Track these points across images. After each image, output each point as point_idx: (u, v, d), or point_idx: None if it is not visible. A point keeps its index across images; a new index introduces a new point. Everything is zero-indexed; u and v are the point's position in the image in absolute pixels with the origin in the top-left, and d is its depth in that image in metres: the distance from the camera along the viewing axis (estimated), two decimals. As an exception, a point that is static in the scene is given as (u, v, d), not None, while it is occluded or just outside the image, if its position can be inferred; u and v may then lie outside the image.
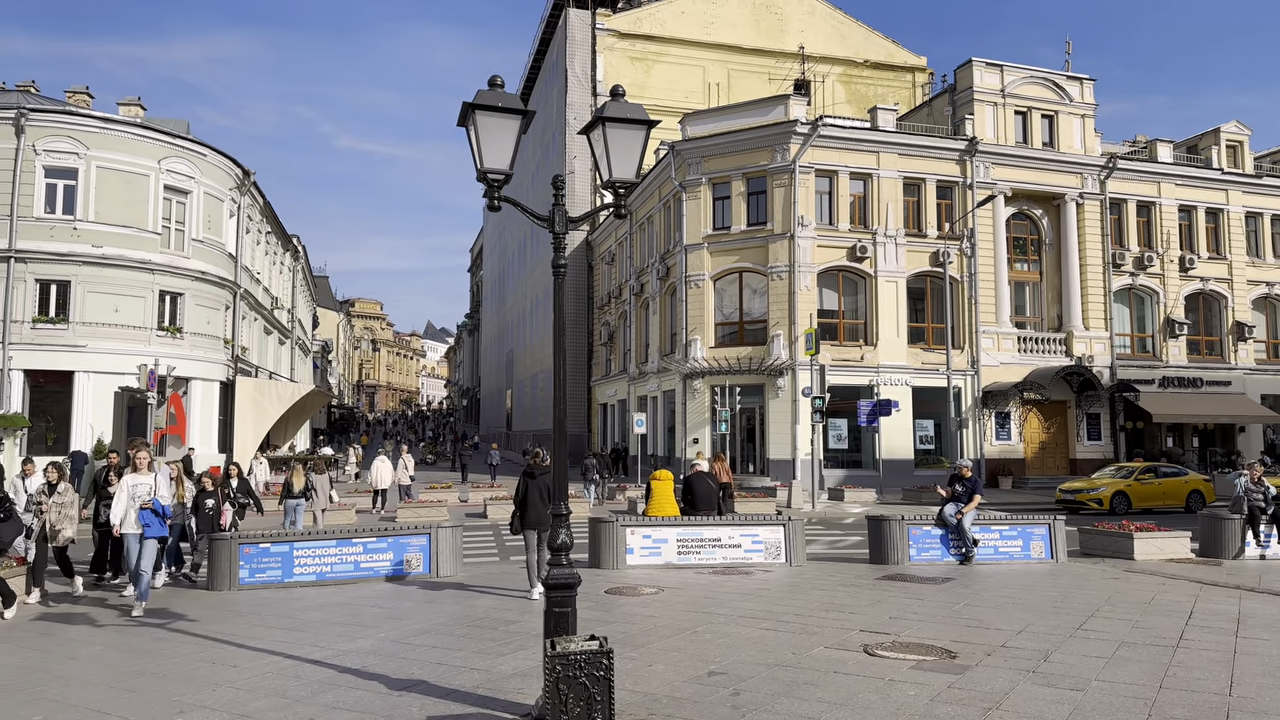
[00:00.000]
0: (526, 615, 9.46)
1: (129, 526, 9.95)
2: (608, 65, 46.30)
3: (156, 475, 10.28)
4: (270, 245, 42.46)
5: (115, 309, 28.40)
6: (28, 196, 27.75)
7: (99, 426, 26.44)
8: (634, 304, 38.09)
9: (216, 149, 32.71)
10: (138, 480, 10.11)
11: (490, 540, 18.04)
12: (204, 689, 6.74)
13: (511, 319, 66.06)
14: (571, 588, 5.93)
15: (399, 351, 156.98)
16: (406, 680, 6.87)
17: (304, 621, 9.33)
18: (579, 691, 5.03)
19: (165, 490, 10.26)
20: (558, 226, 6.11)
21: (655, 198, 35.04)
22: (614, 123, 6.13)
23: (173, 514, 10.54)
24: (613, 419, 42.53)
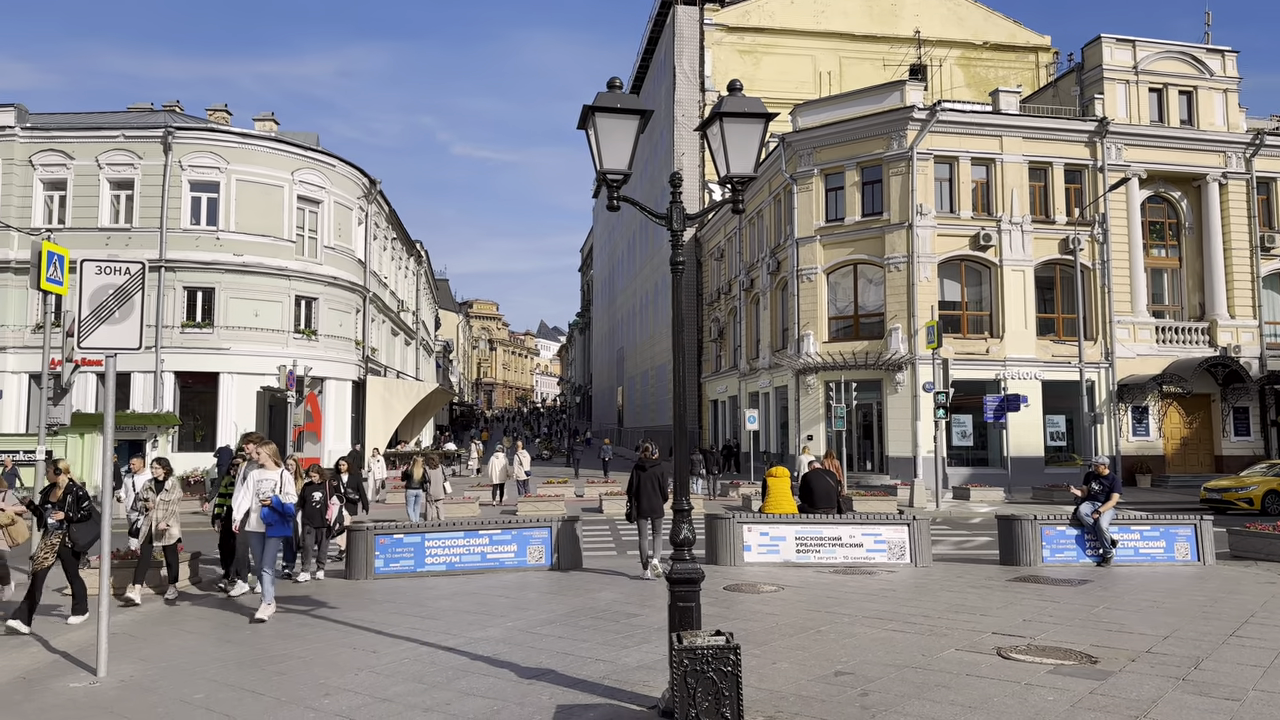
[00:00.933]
0: (647, 609, 9.55)
1: (252, 523, 9.50)
2: (716, 60, 46.13)
3: (283, 471, 9.75)
4: (395, 250, 44.24)
5: (255, 313, 30.19)
6: (175, 209, 29.81)
7: (243, 424, 28.14)
8: (744, 299, 37.85)
9: (345, 160, 34.32)
10: (263, 475, 9.58)
11: (607, 534, 18.29)
12: (347, 673, 7.10)
13: (621, 317, 66.72)
14: (695, 582, 5.96)
15: (514, 350, 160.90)
16: (535, 669, 7.05)
17: (436, 610, 9.70)
18: (707, 686, 5.06)
19: (290, 487, 9.75)
20: (675, 224, 6.14)
21: (765, 191, 34.71)
22: (732, 117, 6.12)
23: (293, 511, 9.88)
24: (723, 415, 42.41)
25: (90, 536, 9.49)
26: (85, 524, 9.40)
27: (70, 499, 9.33)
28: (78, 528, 9.32)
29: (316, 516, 12.32)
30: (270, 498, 9.39)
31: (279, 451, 10.10)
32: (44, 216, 29.93)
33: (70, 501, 9.32)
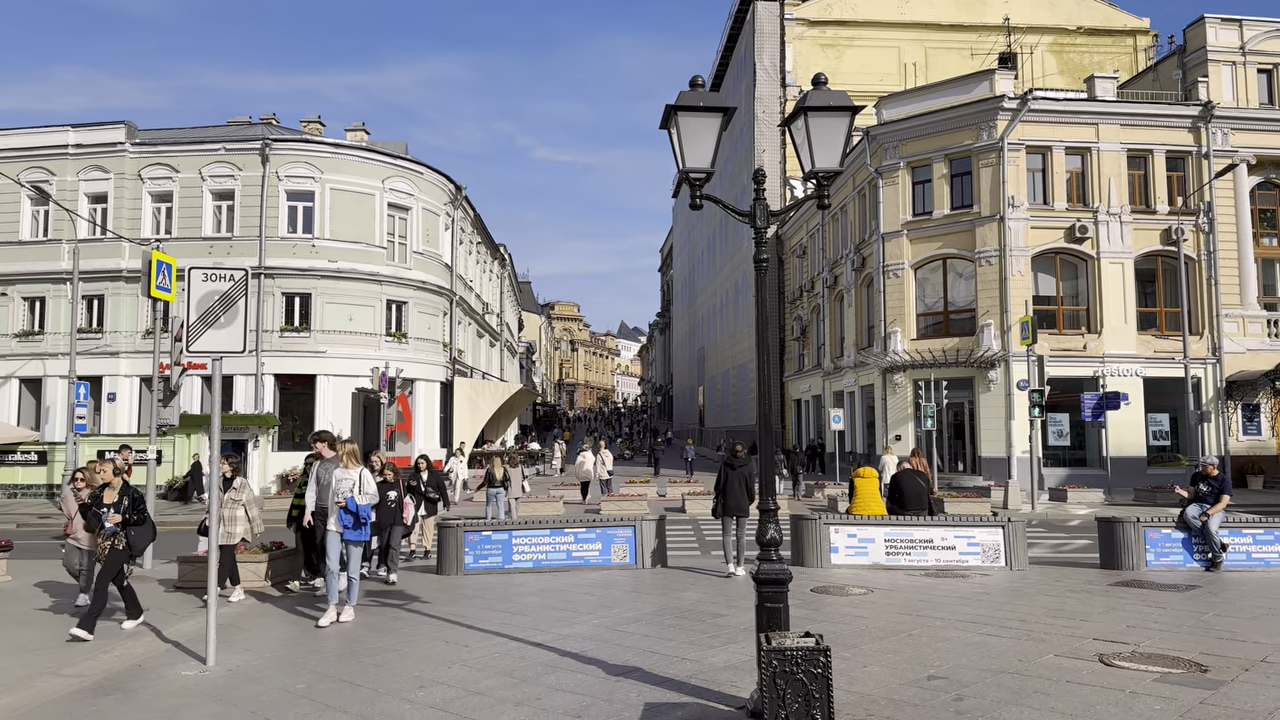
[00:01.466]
0: (733, 609, 9.51)
1: (330, 525, 9.23)
2: (797, 55, 45.61)
3: (361, 472, 9.29)
4: (480, 254, 45.14)
5: (349, 318, 31.22)
6: (273, 218, 31.05)
7: (339, 425, 29.10)
8: (827, 297, 37.31)
9: (432, 167, 35.18)
10: (342, 476, 9.19)
11: (690, 534, 18.28)
12: (440, 666, 7.28)
13: (701, 316, 66.57)
14: (783, 583, 5.91)
15: (595, 351, 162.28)
16: (622, 666, 7.10)
17: (524, 606, 9.85)
18: (796, 688, 5.01)
19: (370, 488, 9.30)
20: (759, 221, 6.10)
21: (849, 186, 34.15)
22: (817, 111, 6.04)
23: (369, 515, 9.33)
24: (806, 415, 41.88)
25: (146, 541, 9.29)
26: (141, 528, 9.14)
27: (127, 501, 8.98)
28: (135, 531, 9.02)
29: (391, 516, 11.76)
30: (346, 499, 9.01)
31: (359, 451, 9.68)
32: (152, 227, 31.55)
33: (127, 505, 8.97)
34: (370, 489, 9.25)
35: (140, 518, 9.05)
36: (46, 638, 8.70)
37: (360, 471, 9.25)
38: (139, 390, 30.86)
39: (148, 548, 9.34)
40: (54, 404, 30.43)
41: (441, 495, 14.71)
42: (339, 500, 9.02)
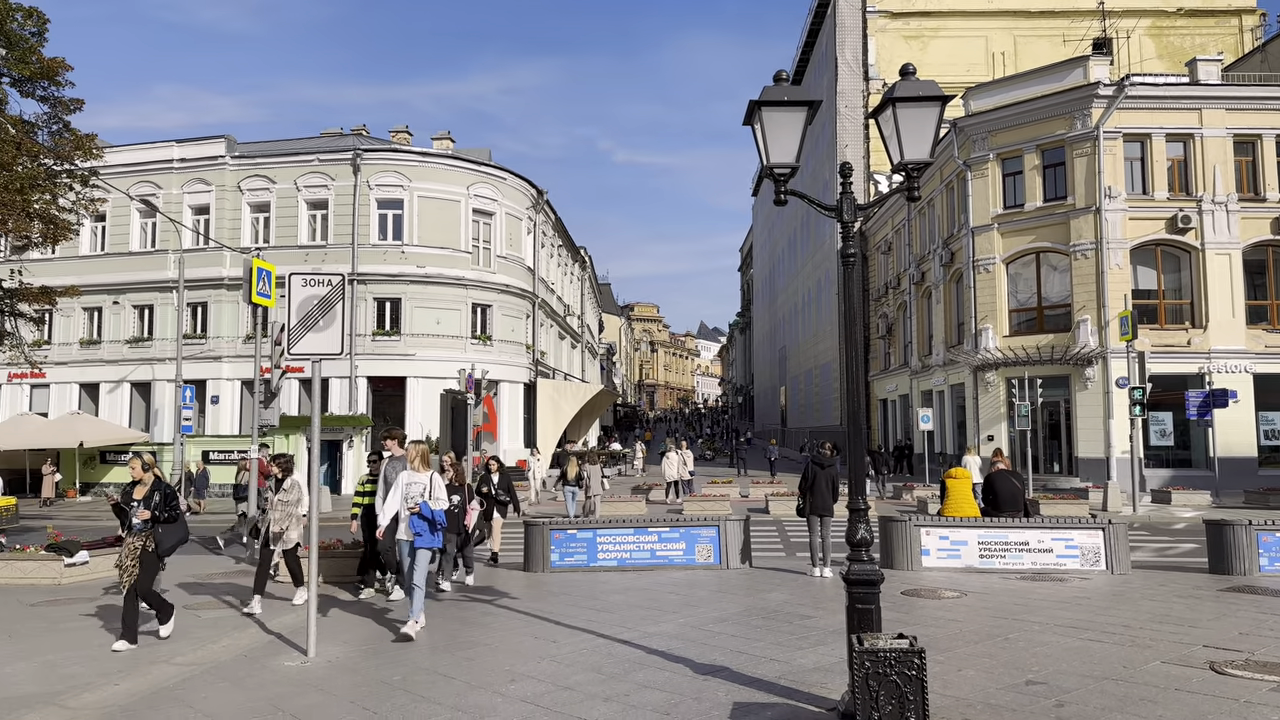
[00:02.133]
0: (820, 611, 9.40)
1: (401, 532, 8.77)
2: (880, 48, 44.77)
3: (433, 475, 8.82)
4: (561, 257, 45.70)
5: (437, 321, 32.01)
6: (364, 226, 32.05)
7: (428, 425, 29.85)
8: (914, 293, 36.48)
9: (514, 172, 35.80)
10: (413, 479, 8.72)
11: (775, 535, 18.12)
12: (529, 660, 7.40)
13: (783, 315, 65.92)
14: (874, 584, 5.81)
15: (675, 352, 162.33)
16: (709, 665, 7.09)
17: (609, 604, 9.93)
18: (890, 689, 4.92)
19: (441, 493, 8.80)
20: (845, 215, 6.01)
21: (936, 179, 33.32)
22: (905, 102, 5.92)
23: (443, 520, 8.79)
24: (893, 415, 41.04)
25: (175, 540, 8.59)
26: (172, 526, 8.53)
27: (158, 497, 8.44)
28: (164, 529, 8.44)
29: (454, 522, 10.98)
30: (419, 504, 8.52)
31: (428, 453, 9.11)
32: (251, 237, 32.95)
33: (158, 501, 8.43)
34: (441, 494, 8.78)
35: (172, 515, 8.50)
36: (161, 627, 9.17)
37: (431, 476, 8.83)
38: (240, 393, 32.24)
39: (177, 548, 8.68)
40: (162, 406, 32.05)
41: (511, 498, 14.01)
42: (411, 506, 8.53)
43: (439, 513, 8.65)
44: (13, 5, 16.43)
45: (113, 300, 33.34)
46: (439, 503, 8.70)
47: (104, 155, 20.20)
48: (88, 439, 28.40)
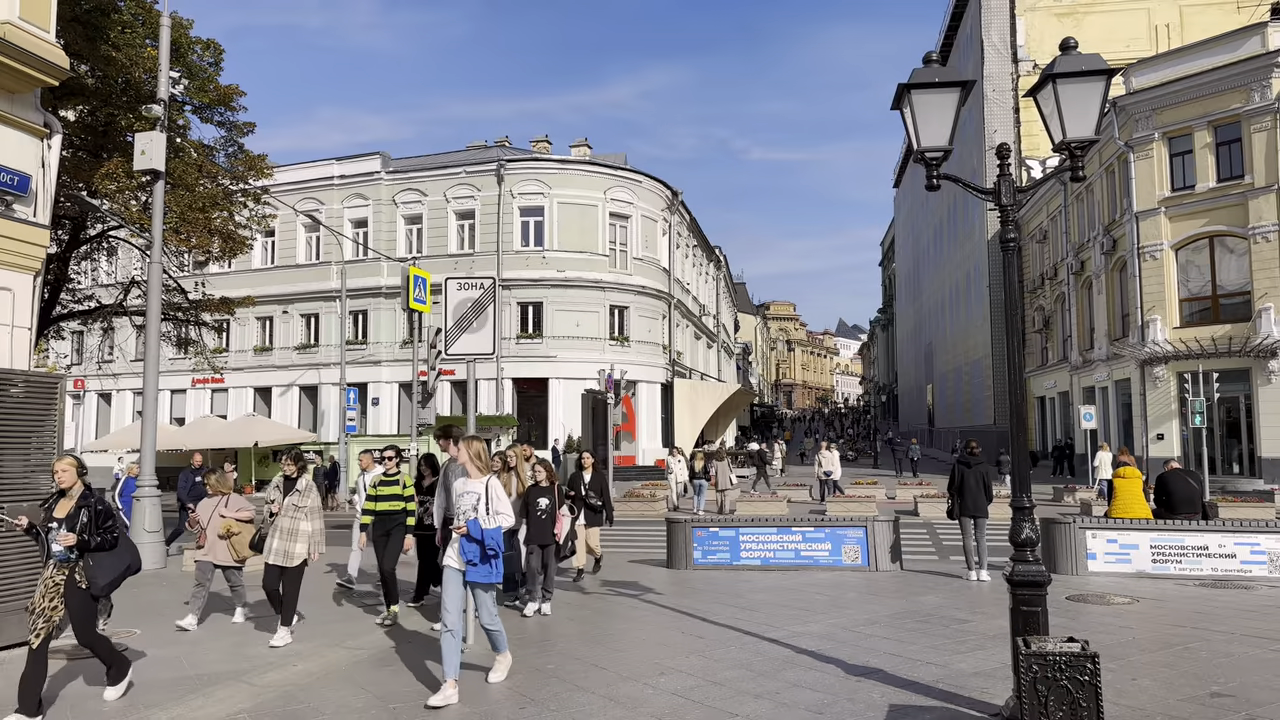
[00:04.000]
0: (978, 615, 9.02)
1: (450, 560, 6.46)
2: (1029, 28, 42.51)
3: (489, 481, 6.49)
4: (696, 258, 45.81)
5: (576, 324, 32.76)
6: (508, 234, 33.20)
7: (569, 425, 30.59)
8: (1073, 284, 34.43)
9: (649, 175, 36.22)
10: (465, 489, 6.50)
11: (925, 536, 17.52)
12: (678, 655, 7.46)
13: (928, 311, 63.61)
14: (1040, 585, 5.52)
15: (812, 350, 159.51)
16: (862, 667, 6.94)
17: (754, 602, 9.87)
18: (1060, 695, 4.67)
19: (503, 505, 6.45)
20: (1004, 198, 5.75)
21: (1095, 162, 31.33)
22: (1067, 78, 5.61)
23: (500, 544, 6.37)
24: (1051, 413, 38.87)
25: (113, 574, 6.16)
26: (108, 555, 6.11)
27: (86, 515, 6.01)
28: (96, 560, 6.05)
29: (541, 531, 9.35)
30: (467, 522, 6.25)
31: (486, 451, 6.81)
32: (405, 247, 34.72)
33: (85, 521, 5.99)
34: (503, 506, 6.44)
35: (106, 539, 6.06)
36: (328, 614, 9.78)
37: (488, 481, 6.46)
38: (398, 395, 34.02)
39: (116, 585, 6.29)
40: (328, 408, 34.23)
41: (605, 503, 11.86)
42: (459, 527, 6.30)
43: (494, 533, 6.27)
44: (192, 39, 17.94)
45: (282, 310, 35.87)
46: (499, 518, 6.36)
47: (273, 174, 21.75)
48: (262, 439, 30.65)
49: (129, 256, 27.14)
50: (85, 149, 17.01)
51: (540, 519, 9.40)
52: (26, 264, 9.51)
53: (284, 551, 8.11)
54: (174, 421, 34.70)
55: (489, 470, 6.67)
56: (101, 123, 17.06)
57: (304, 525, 8.16)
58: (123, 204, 16.59)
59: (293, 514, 8.21)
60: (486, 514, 6.33)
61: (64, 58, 9.72)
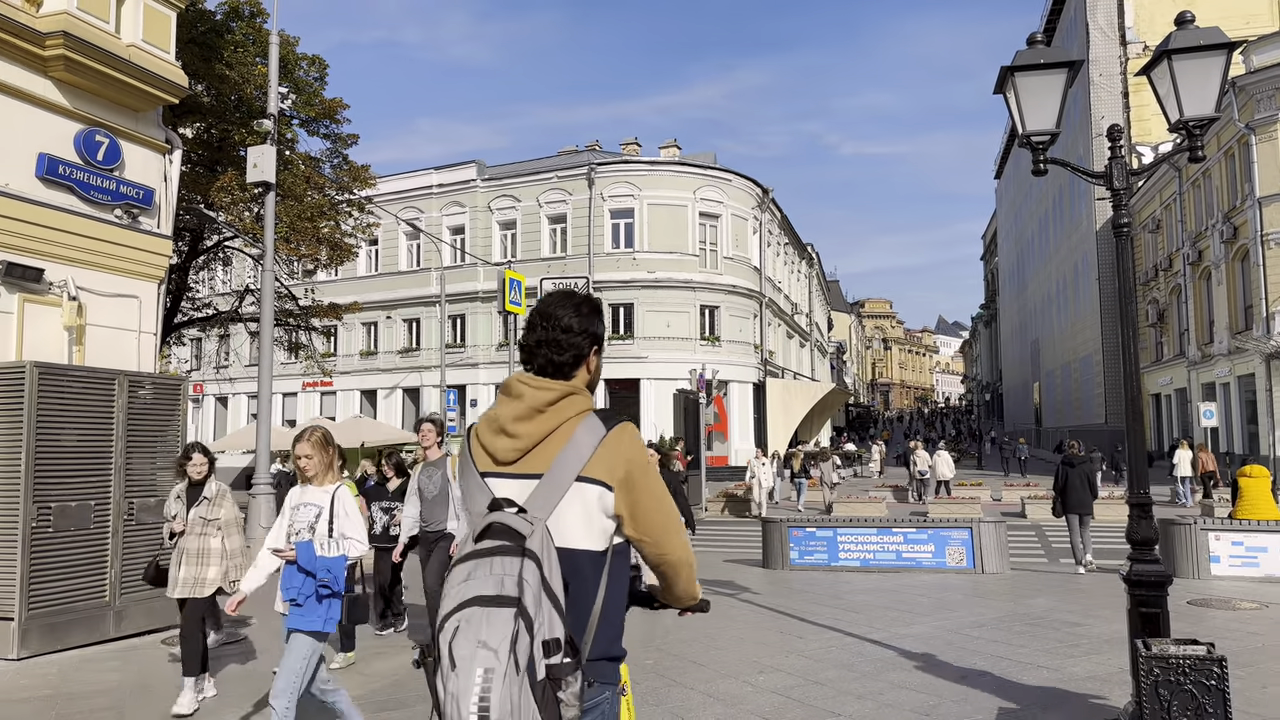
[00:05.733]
0: (1091, 618, 8.65)
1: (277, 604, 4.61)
2: (1138, 8, 40.50)
3: (337, 491, 4.70)
4: (788, 255, 45.30)
5: (667, 324, 32.83)
6: (599, 236, 33.51)
7: (662, 425, 30.67)
8: (1190, 275, 32.62)
9: (739, 173, 35.99)
10: (301, 499, 4.75)
11: (1033, 539, 16.88)
12: (777, 654, 7.39)
13: (1034, 306, 61.24)
14: (1161, 585, 5.25)
15: (910, 349, 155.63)
16: (969, 670, 6.74)
17: (854, 604, 9.70)
18: (1184, 700, 4.43)
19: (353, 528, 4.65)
20: (1116, 181, 5.50)
21: (1213, 146, 29.62)
22: (1183, 53, 5.33)
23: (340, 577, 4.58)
24: (1167, 410, 36.91)
25: None
26: None
27: None
28: None
29: None
30: (296, 547, 4.54)
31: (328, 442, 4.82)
32: (500, 252, 35.45)
33: None
34: (354, 527, 4.66)
35: None
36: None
37: (336, 491, 4.69)
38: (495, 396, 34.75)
39: None
40: (429, 410, 35.23)
41: (682, 508, 9.62)
42: (285, 551, 4.58)
43: (333, 564, 4.51)
44: (299, 55, 18.76)
45: (386, 315, 37.11)
46: (347, 544, 4.61)
47: (376, 184, 22.52)
48: (368, 440, 31.71)
49: (243, 265, 28.56)
50: (202, 164, 17.99)
51: None
52: (152, 273, 10.11)
53: (193, 580, 6.05)
54: (285, 423, 36.29)
55: (337, 474, 4.83)
56: (216, 138, 18.03)
57: (215, 543, 6.18)
58: (237, 215, 17.48)
59: (201, 530, 6.14)
60: (329, 536, 4.56)
61: (183, 77, 10.31)
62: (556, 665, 1.83)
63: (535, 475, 2.09)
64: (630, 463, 2.10)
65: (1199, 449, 22.70)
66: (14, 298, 8.59)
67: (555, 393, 2.15)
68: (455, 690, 1.78)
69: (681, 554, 2.26)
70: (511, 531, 1.91)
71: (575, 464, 2.07)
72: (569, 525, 2.05)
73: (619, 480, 2.08)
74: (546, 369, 2.24)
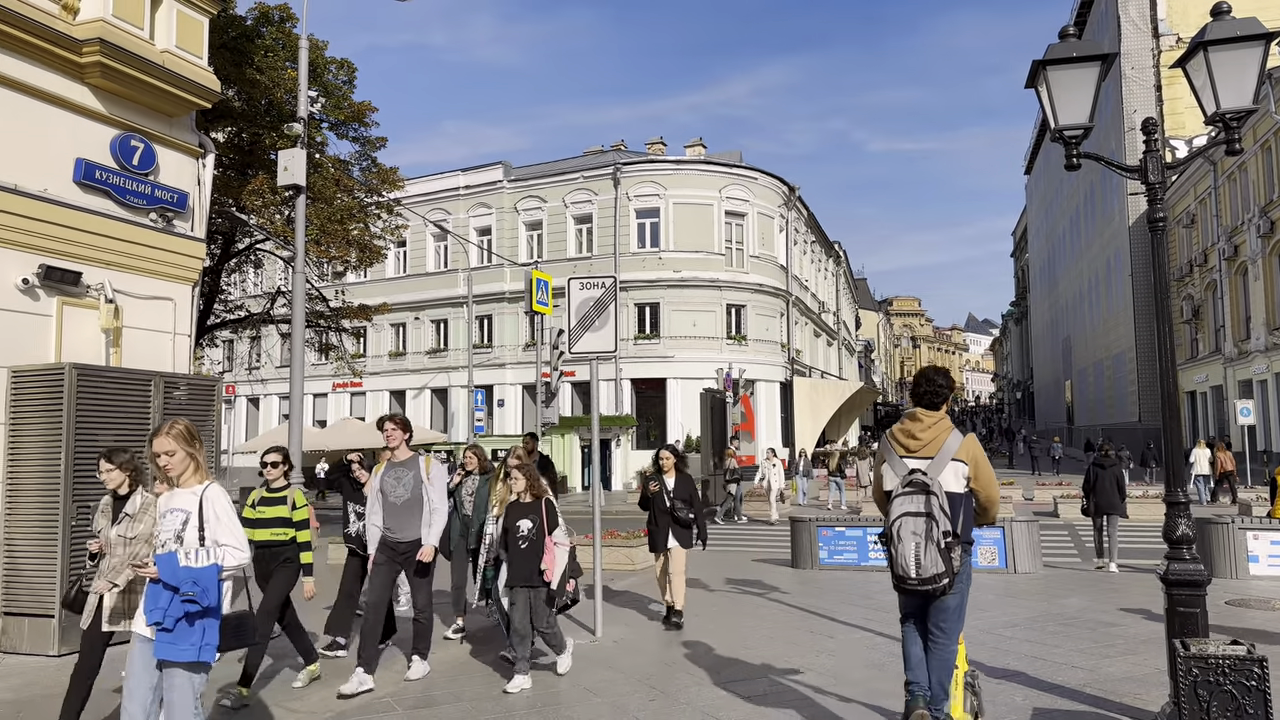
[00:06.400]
0: (1126, 618, 8.53)
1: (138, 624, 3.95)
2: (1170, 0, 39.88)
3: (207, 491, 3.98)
4: (814, 253, 45.07)
5: (693, 323, 32.78)
6: (625, 236, 33.54)
7: (688, 425, 30.63)
8: (1226, 270, 32.07)
9: (765, 171, 35.87)
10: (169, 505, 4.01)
11: (1066, 539, 16.67)
12: (808, 653, 7.36)
13: (1065, 303, 60.47)
14: (1198, 585, 5.18)
15: (939, 347, 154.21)
16: (1002, 670, 6.68)
17: (884, 603, 9.62)
18: (1224, 701, 4.36)
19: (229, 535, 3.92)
20: (1151, 175, 5.42)
21: (1249, 139, 29.11)
22: (1219, 44, 5.24)
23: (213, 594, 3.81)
24: (1202, 408, 36.30)
25: None
26: None
27: None
28: None
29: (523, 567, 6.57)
30: (157, 560, 3.84)
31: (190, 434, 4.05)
32: (526, 252, 35.59)
33: None
34: (229, 534, 3.94)
35: None
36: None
37: (205, 492, 3.97)
38: (521, 396, 34.92)
39: None
40: (456, 410, 35.48)
41: (696, 516, 8.56)
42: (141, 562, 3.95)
43: (202, 576, 3.78)
44: (328, 59, 18.96)
45: (414, 316, 37.40)
46: (223, 552, 3.89)
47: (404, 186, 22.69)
48: (397, 440, 32.05)
49: (274, 268, 28.90)
50: (233, 167, 18.23)
51: (521, 549, 6.60)
52: (186, 275, 10.27)
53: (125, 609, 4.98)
54: (316, 424, 36.70)
55: (205, 473, 4.06)
56: (247, 142, 18.25)
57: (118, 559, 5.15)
58: (268, 218, 17.70)
59: (120, 548, 5.19)
60: (200, 544, 3.86)
61: (216, 82, 10.46)
62: (948, 541, 4.35)
63: (929, 457, 4.63)
64: (974, 452, 4.68)
65: (1218, 448, 22.74)
66: (53, 300, 8.77)
67: (935, 418, 4.74)
68: (903, 552, 4.38)
69: (995, 496, 4.80)
70: (922, 482, 4.48)
71: (950, 451, 4.63)
72: (947, 480, 4.58)
73: (970, 459, 4.65)
74: (930, 406, 4.78)
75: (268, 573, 6.47)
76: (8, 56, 8.42)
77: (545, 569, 6.54)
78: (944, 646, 4.59)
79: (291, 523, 6.58)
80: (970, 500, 4.62)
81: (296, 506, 6.61)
